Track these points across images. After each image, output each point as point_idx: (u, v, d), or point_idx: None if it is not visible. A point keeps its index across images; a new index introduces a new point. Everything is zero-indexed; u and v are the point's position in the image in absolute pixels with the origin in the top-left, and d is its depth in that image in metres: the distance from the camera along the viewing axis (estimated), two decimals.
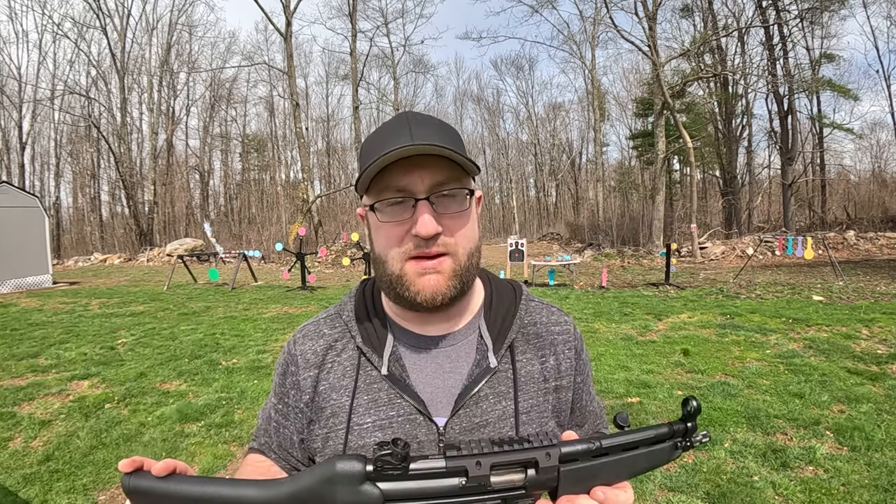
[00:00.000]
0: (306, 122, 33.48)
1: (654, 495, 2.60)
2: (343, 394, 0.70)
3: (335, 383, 0.71)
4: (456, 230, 0.66)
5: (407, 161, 0.62)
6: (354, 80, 20.31)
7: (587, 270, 13.60)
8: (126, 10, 27.96)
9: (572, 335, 0.77)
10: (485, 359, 0.70)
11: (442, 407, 0.68)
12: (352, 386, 0.70)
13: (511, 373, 0.71)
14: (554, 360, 0.74)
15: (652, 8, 17.11)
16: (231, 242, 23.93)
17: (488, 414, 0.68)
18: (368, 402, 0.68)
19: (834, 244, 15.41)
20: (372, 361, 0.70)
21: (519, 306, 0.76)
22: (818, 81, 19.75)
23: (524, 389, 0.70)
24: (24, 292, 12.07)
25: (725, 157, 23.93)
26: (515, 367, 0.71)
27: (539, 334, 0.75)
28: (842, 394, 3.80)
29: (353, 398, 0.69)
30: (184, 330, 6.97)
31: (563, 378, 0.74)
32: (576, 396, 0.76)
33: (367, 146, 0.68)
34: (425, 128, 0.65)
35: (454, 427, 0.67)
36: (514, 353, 0.72)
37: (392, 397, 0.68)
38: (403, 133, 0.64)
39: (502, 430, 0.68)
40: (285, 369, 0.76)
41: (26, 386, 4.59)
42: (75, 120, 30.51)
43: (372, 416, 0.68)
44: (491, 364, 0.69)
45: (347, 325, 0.74)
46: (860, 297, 7.86)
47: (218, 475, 2.95)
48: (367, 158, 0.66)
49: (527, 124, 38.05)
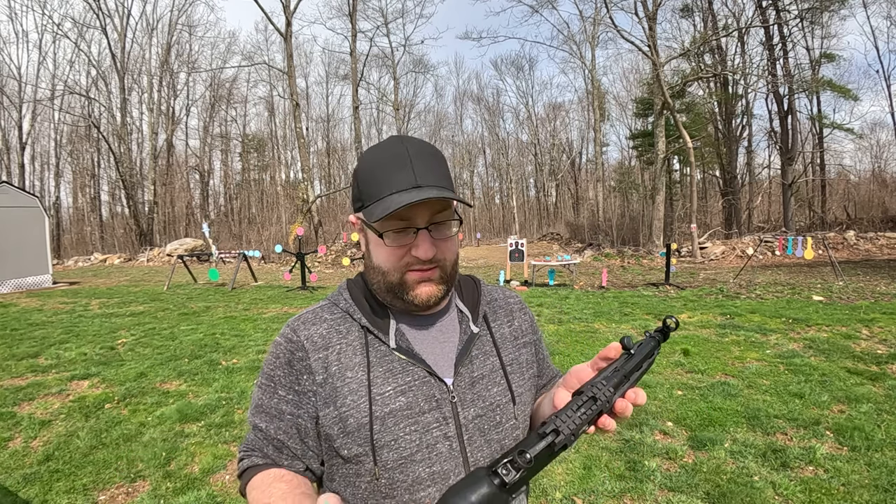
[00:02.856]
0: (306, 122, 33.52)
1: (655, 495, 2.60)
2: (358, 370, 0.76)
3: (347, 362, 0.77)
4: (446, 249, 0.78)
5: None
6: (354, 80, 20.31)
7: (587, 270, 13.60)
8: (126, 10, 27.99)
9: (522, 304, 0.97)
10: (468, 327, 0.84)
11: (445, 369, 0.79)
12: (365, 361, 0.77)
13: (489, 336, 0.86)
14: (518, 322, 0.92)
15: (652, 8, 17.10)
16: (231, 242, 23.94)
17: (481, 369, 0.82)
18: (384, 372, 0.76)
19: (834, 244, 15.41)
20: (379, 338, 0.79)
21: (481, 288, 0.92)
22: (818, 81, 19.74)
23: (503, 347, 0.87)
24: (24, 292, 12.07)
25: (725, 157, 23.92)
26: (492, 331, 0.87)
27: (500, 305, 0.92)
28: (842, 394, 3.80)
29: (369, 372, 0.76)
30: (184, 330, 6.97)
31: (525, 335, 0.92)
32: (538, 350, 0.95)
33: (369, 175, 0.76)
34: (424, 163, 0.75)
35: (459, 384, 0.79)
36: (488, 320, 0.88)
37: (405, 365, 0.77)
38: (406, 170, 0.73)
39: (495, 380, 0.82)
40: (290, 357, 0.79)
41: (26, 386, 4.59)
42: (75, 120, 30.52)
43: (391, 384, 0.76)
44: (474, 330, 0.84)
45: (348, 310, 0.82)
46: (860, 297, 7.86)
47: (217, 476, 2.96)
48: (372, 188, 0.75)
49: (527, 124, 38.06)
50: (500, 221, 36.46)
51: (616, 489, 2.67)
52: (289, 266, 14.98)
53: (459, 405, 0.77)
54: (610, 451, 3.08)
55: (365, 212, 0.76)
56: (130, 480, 2.91)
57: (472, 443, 0.77)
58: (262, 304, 9.25)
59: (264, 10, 19.62)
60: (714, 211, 24.59)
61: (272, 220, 28.52)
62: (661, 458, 2.97)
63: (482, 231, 32.16)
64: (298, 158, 25.73)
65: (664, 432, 3.32)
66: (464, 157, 39.87)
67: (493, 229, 34.75)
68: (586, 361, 0.71)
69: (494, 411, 0.80)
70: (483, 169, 41.03)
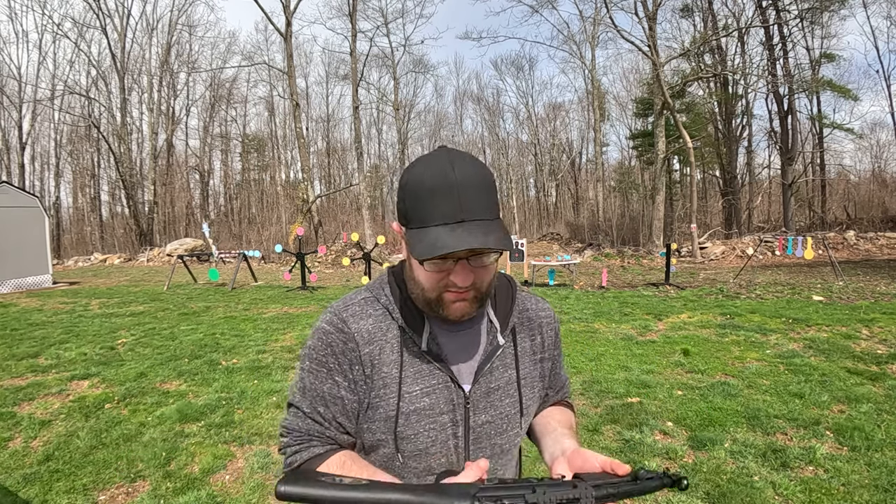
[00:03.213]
0: (306, 122, 33.51)
1: (655, 495, 2.60)
2: (393, 367, 0.83)
3: (385, 358, 0.84)
4: (484, 274, 0.80)
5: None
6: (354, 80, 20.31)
7: (587, 270, 13.60)
8: (126, 10, 27.98)
9: (553, 318, 0.98)
10: (495, 338, 0.88)
11: (466, 376, 0.85)
12: (399, 360, 0.83)
13: (513, 349, 0.90)
14: (540, 338, 0.95)
15: (652, 8, 17.10)
16: (231, 242, 23.94)
17: (498, 381, 0.87)
18: (414, 373, 0.83)
19: (834, 244, 15.41)
20: (414, 339, 0.84)
21: (515, 296, 0.94)
22: (818, 81, 19.74)
23: (522, 361, 0.91)
24: (24, 292, 12.07)
25: (725, 157, 23.92)
26: (516, 344, 0.90)
27: (530, 318, 0.94)
28: (842, 394, 3.80)
29: (401, 370, 0.83)
30: (184, 330, 6.96)
31: (546, 352, 0.95)
32: (554, 365, 0.98)
33: (414, 196, 0.76)
34: (470, 193, 0.74)
35: (475, 392, 0.85)
36: (515, 333, 0.91)
37: (432, 369, 0.84)
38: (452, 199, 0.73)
39: (508, 392, 0.87)
40: (343, 347, 0.84)
41: (26, 386, 4.59)
42: (75, 120, 30.51)
43: (419, 385, 0.83)
44: (500, 342, 0.88)
45: (387, 308, 0.87)
46: (860, 297, 7.86)
47: (217, 476, 2.96)
48: (417, 212, 0.76)
49: (527, 124, 38.03)
50: None
51: None
52: (289, 266, 14.97)
53: (472, 410, 0.85)
54: (610, 451, 3.08)
55: (408, 233, 0.78)
56: (130, 480, 2.91)
57: (477, 443, 0.85)
58: (262, 304, 9.25)
59: (264, 10, 19.64)
60: (714, 211, 24.59)
61: (272, 220, 28.50)
62: (661, 458, 2.97)
63: None
64: (298, 158, 25.73)
65: (664, 432, 3.32)
66: None
67: None
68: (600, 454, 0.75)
69: (503, 420, 0.87)
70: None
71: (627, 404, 3.80)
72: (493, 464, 0.86)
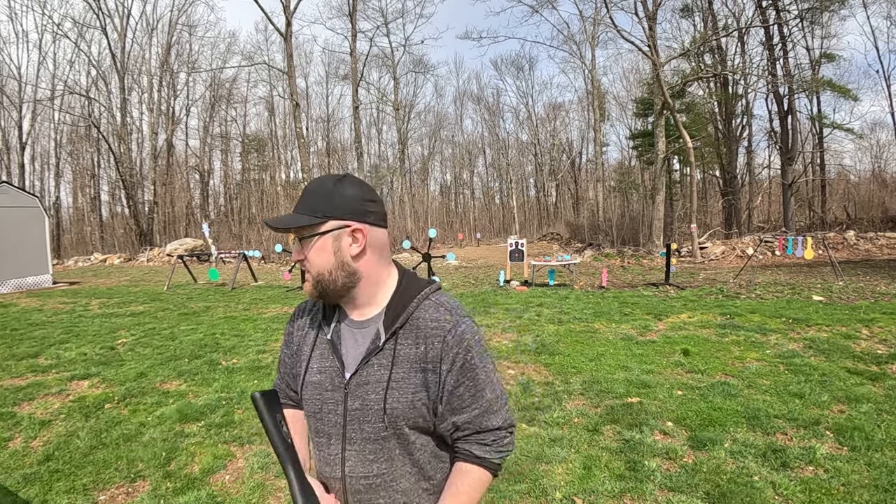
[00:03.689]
0: (306, 122, 33.54)
1: (655, 495, 2.60)
2: (308, 347, 1.10)
3: (308, 340, 1.11)
4: (312, 258, 1.00)
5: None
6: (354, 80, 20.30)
7: (587, 270, 13.59)
8: (126, 10, 27.98)
9: (446, 332, 0.98)
10: (378, 339, 1.00)
11: (351, 366, 1.02)
12: (313, 343, 1.09)
13: (392, 352, 0.99)
14: (424, 348, 0.99)
15: (652, 8, 17.10)
16: (231, 242, 23.93)
17: (371, 377, 0.99)
18: (318, 354, 1.07)
19: (834, 244, 15.41)
20: (324, 329, 1.08)
21: (412, 304, 1.01)
22: (818, 81, 19.74)
23: (398, 364, 0.98)
24: (24, 292, 12.07)
25: (725, 157, 23.91)
26: (396, 348, 0.99)
27: (418, 327, 1.00)
28: (842, 394, 3.79)
29: (312, 350, 1.08)
30: (184, 330, 6.96)
31: (429, 363, 0.98)
32: (446, 383, 0.98)
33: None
34: (306, 197, 1.01)
35: (353, 381, 1.00)
36: (397, 338, 1.00)
37: (329, 354, 1.05)
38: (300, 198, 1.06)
39: (376, 389, 0.98)
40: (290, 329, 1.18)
41: (26, 386, 4.59)
42: (75, 120, 30.51)
43: (317, 363, 1.06)
44: (380, 343, 1.00)
45: (317, 304, 1.12)
46: (860, 297, 7.86)
47: (217, 476, 2.95)
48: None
49: (527, 124, 38.03)
50: (500, 221, 36.43)
51: (616, 489, 2.67)
52: (289, 266, 14.97)
53: (349, 396, 1.00)
54: (610, 451, 3.08)
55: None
56: (130, 480, 2.91)
57: (351, 424, 1.01)
58: (262, 304, 9.25)
59: (264, 11, 19.63)
60: (714, 211, 24.58)
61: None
62: (661, 458, 2.97)
63: (482, 231, 32.15)
64: (298, 158, 25.73)
65: (664, 432, 3.32)
66: (464, 157, 39.90)
67: (493, 229, 34.72)
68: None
69: (369, 411, 0.99)
70: (483, 169, 41.04)
71: (627, 404, 3.80)
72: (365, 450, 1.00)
